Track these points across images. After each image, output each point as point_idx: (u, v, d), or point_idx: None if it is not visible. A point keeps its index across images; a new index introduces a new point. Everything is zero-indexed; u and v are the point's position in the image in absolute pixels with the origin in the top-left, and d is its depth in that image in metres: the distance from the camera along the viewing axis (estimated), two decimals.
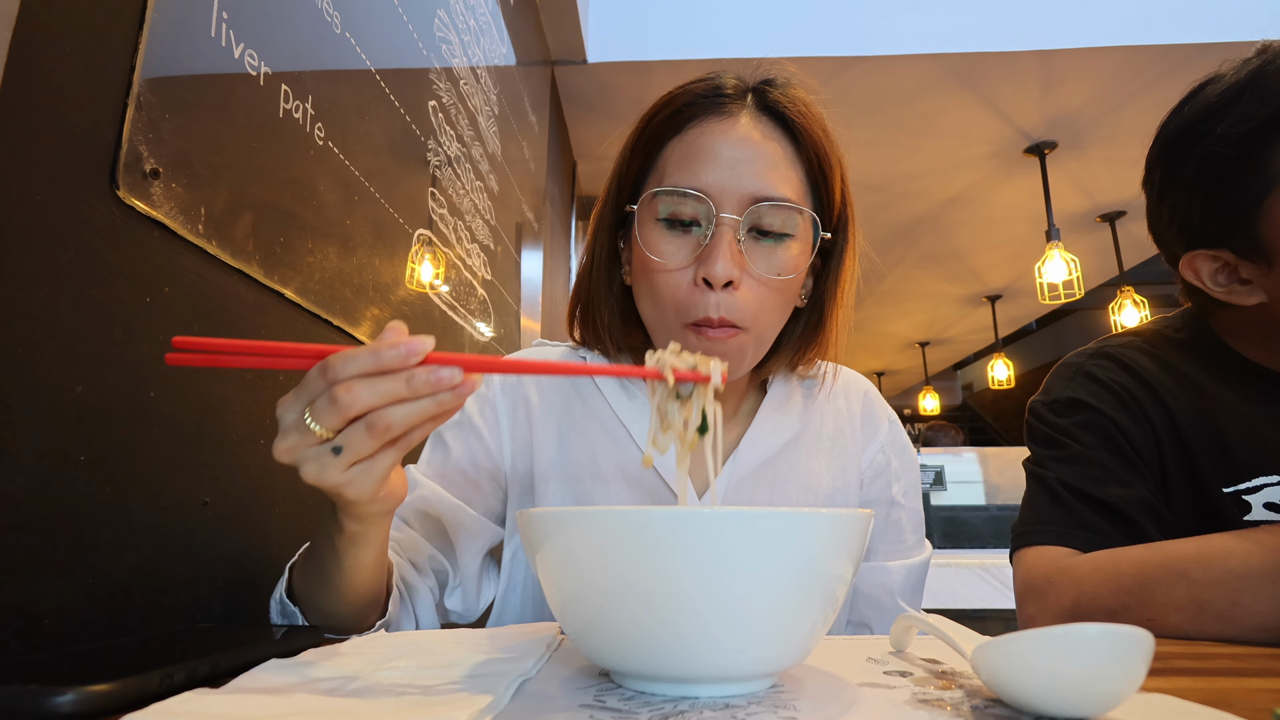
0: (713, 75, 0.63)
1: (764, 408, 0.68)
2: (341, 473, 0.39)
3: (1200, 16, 2.45)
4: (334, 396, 0.37)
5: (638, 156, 0.63)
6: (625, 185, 0.64)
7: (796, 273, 0.60)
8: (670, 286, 0.59)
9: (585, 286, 0.68)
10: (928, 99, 2.74)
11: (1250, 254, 0.62)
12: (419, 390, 0.38)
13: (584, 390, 0.69)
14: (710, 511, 0.30)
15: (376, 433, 0.38)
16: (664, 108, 0.62)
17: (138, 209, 0.53)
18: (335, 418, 0.38)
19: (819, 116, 0.62)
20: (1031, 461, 0.72)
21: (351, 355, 0.38)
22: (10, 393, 0.43)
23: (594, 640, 0.33)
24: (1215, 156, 0.62)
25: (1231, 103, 0.61)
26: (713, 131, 0.59)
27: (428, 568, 0.63)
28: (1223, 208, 0.62)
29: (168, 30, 0.56)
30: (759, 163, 0.58)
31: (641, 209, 0.61)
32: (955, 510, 2.97)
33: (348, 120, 0.88)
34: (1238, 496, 0.64)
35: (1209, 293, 0.66)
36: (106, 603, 0.50)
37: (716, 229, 0.57)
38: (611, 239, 0.66)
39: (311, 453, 0.39)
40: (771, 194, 0.57)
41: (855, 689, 0.34)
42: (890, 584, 0.70)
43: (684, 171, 0.58)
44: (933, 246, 4.31)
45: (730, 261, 0.56)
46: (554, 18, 2.24)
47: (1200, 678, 0.38)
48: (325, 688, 0.32)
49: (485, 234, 1.55)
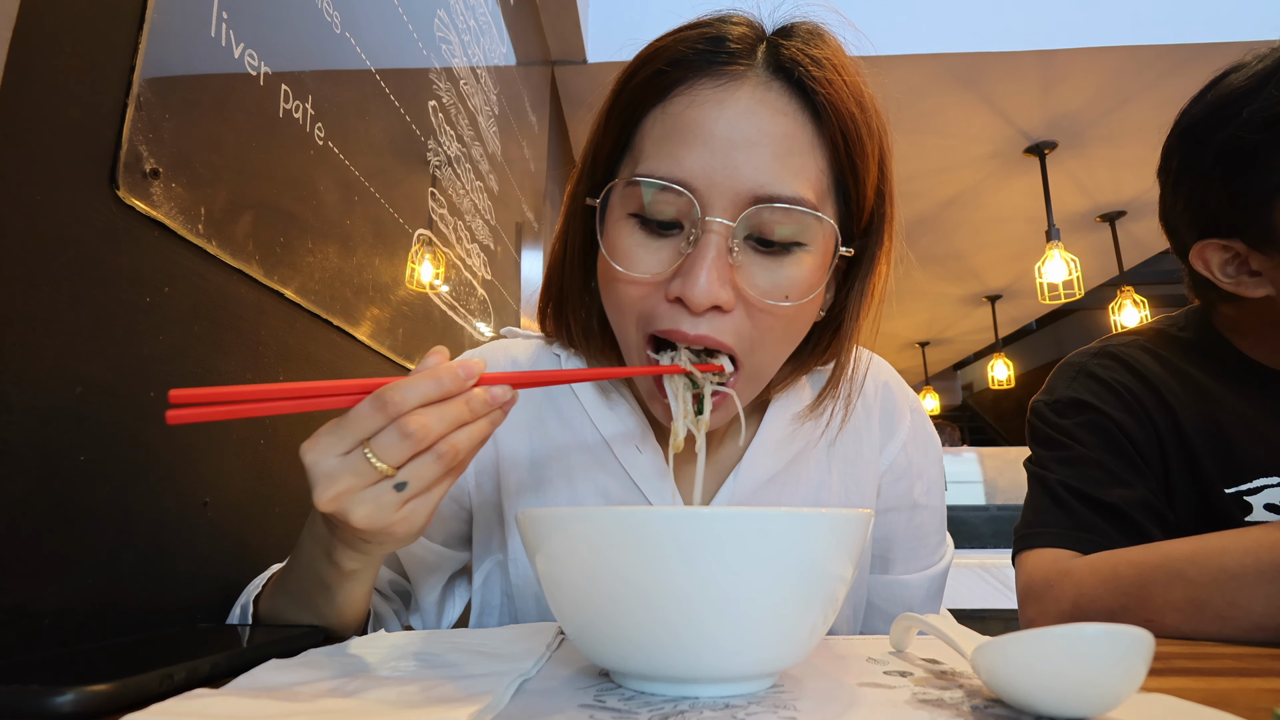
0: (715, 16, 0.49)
1: (769, 417, 0.59)
2: (397, 511, 0.37)
3: (1200, 16, 2.45)
4: (405, 429, 0.35)
5: (612, 126, 0.50)
6: (600, 161, 0.51)
7: (809, 296, 0.47)
8: (633, 296, 0.47)
9: (558, 281, 0.57)
10: (928, 99, 2.74)
11: (1262, 244, 0.62)
12: (478, 411, 0.37)
13: (558, 396, 0.60)
14: (710, 512, 0.30)
15: (445, 461, 0.36)
16: (646, 64, 0.48)
17: (138, 209, 0.53)
18: (406, 452, 0.35)
19: (853, 80, 0.47)
20: (1033, 462, 0.72)
21: (410, 385, 0.36)
22: (10, 393, 0.43)
23: (594, 640, 0.33)
24: (1238, 142, 0.62)
25: (1257, 89, 0.61)
26: (706, 102, 0.45)
27: (389, 591, 0.62)
28: (1240, 195, 0.62)
29: (168, 30, 0.56)
30: (764, 148, 0.44)
31: (609, 197, 0.49)
32: (955, 510, 2.97)
33: (348, 120, 0.88)
34: (1239, 497, 0.64)
35: (1218, 284, 0.66)
36: (106, 603, 0.50)
37: (702, 235, 0.44)
38: (587, 226, 0.54)
39: (368, 494, 0.36)
40: (778, 192, 0.44)
41: (855, 689, 0.34)
42: (910, 599, 0.64)
43: (664, 155, 0.45)
44: (933, 246, 4.31)
45: (717, 280, 0.43)
46: (554, 18, 2.24)
47: (1200, 678, 0.38)
48: (325, 688, 0.32)
49: (485, 234, 1.55)
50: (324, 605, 0.46)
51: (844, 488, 0.61)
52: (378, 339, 0.97)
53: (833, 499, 0.60)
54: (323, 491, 0.36)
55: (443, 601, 0.63)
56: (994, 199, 3.63)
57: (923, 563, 0.65)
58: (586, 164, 0.53)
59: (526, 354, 0.63)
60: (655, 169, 0.45)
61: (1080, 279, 3.17)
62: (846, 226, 0.50)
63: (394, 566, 0.62)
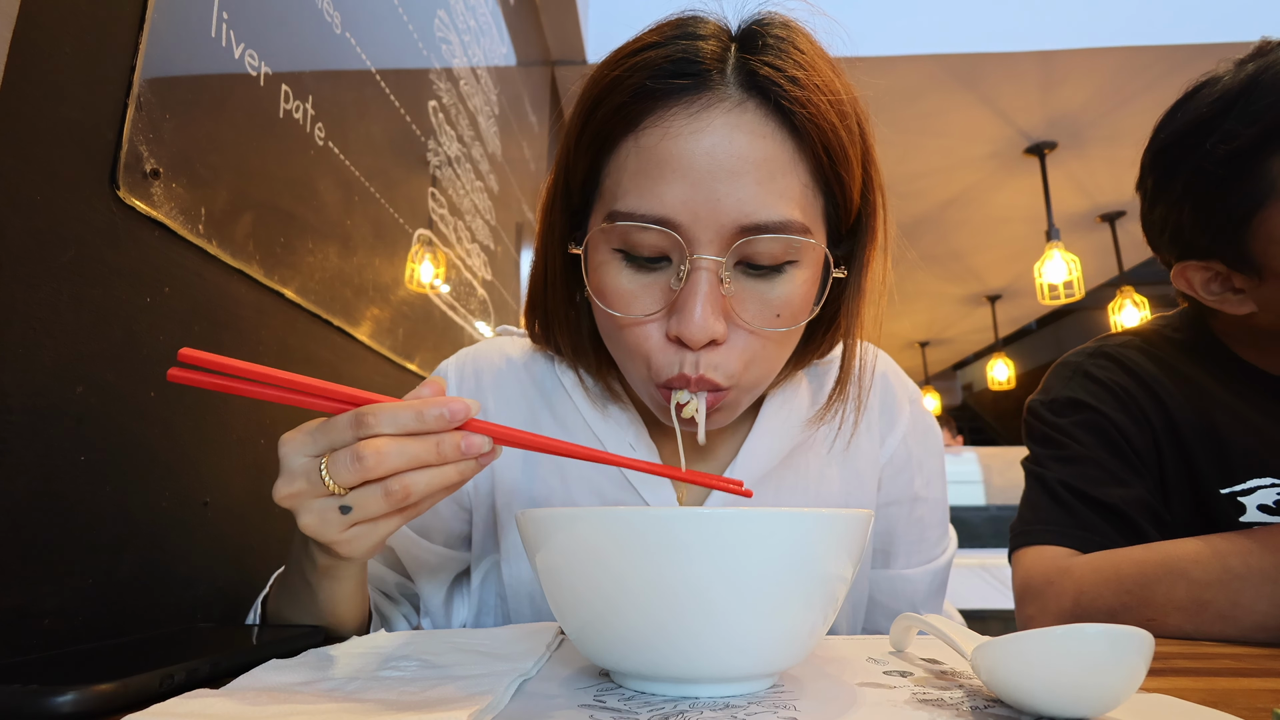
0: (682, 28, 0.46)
1: (764, 415, 0.58)
2: (341, 532, 0.37)
3: (1201, 16, 2.45)
4: (359, 454, 0.35)
5: (583, 155, 0.48)
6: (575, 186, 0.50)
7: (802, 317, 0.47)
8: (635, 339, 0.47)
9: (541, 299, 0.56)
10: (928, 99, 2.74)
11: (1241, 266, 0.62)
12: (446, 456, 0.36)
13: (553, 396, 0.60)
14: (710, 512, 0.30)
15: (393, 499, 0.36)
16: (612, 90, 0.45)
17: (138, 209, 0.53)
18: (354, 476, 0.35)
19: (830, 85, 0.45)
20: (1030, 461, 0.72)
21: (392, 411, 0.35)
22: (10, 393, 0.43)
23: (594, 640, 0.33)
24: (1203, 172, 0.61)
25: (1220, 115, 0.60)
26: (680, 133, 0.43)
27: (398, 594, 0.62)
28: (1212, 222, 0.62)
29: (168, 30, 0.56)
30: (746, 177, 0.43)
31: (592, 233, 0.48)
32: (955, 510, 2.97)
33: (348, 120, 0.88)
34: (1233, 498, 0.64)
35: (1202, 301, 0.66)
36: (106, 603, 0.50)
37: (691, 272, 0.43)
38: (564, 247, 0.53)
39: (316, 505, 0.37)
40: (765, 220, 0.43)
41: (855, 689, 0.34)
42: (912, 594, 0.63)
43: (643, 191, 0.44)
44: (933, 246, 4.31)
45: (712, 315, 0.43)
46: (554, 18, 2.24)
47: (1200, 678, 0.38)
48: (325, 688, 0.32)
49: (485, 234, 1.55)
50: (310, 602, 0.46)
51: (843, 482, 0.60)
52: (378, 339, 0.97)
53: (832, 493, 0.59)
54: (280, 486, 0.37)
55: (449, 602, 0.63)
56: (994, 199, 3.63)
57: (924, 556, 0.64)
58: (559, 187, 0.52)
59: (522, 354, 0.63)
60: (636, 207, 0.44)
61: (1080, 279, 3.17)
62: (835, 227, 0.49)
63: (399, 569, 0.62)
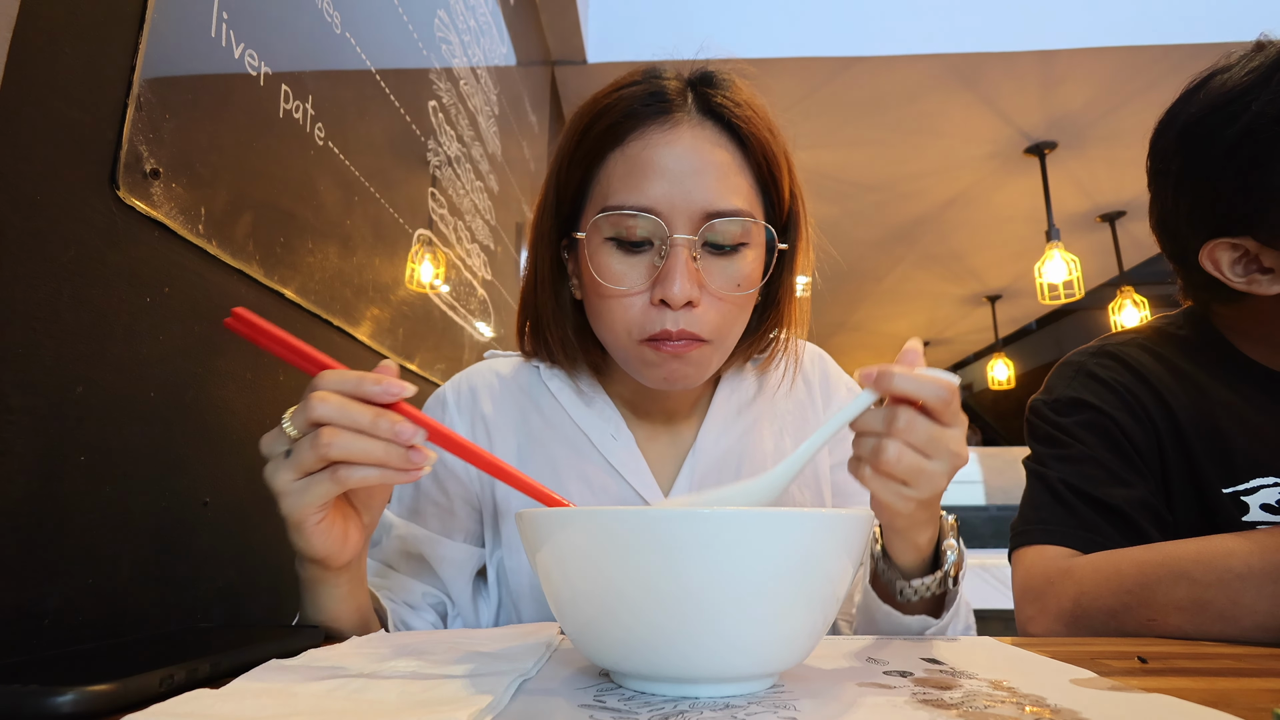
0: (650, 75, 0.60)
1: (716, 399, 0.68)
2: (288, 481, 0.42)
3: (1200, 16, 2.45)
4: (306, 400, 0.41)
5: (576, 168, 0.60)
6: (565, 198, 0.61)
7: (755, 284, 0.59)
8: (624, 308, 0.57)
9: (532, 303, 0.65)
10: (928, 99, 2.74)
11: (1275, 240, 0.62)
12: (378, 431, 0.41)
13: (540, 399, 0.67)
14: (710, 512, 0.30)
15: (319, 446, 0.40)
16: (602, 116, 0.58)
17: (138, 209, 0.53)
18: (302, 418, 0.41)
19: (764, 113, 0.59)
20: (1032, 460, 0.72)
21: (339, 373, 0.42)
22: (10, 393, 0.43)
23: (594, 640, 0.33)
24: (1253, 133, 0.61)
25: (1262, 83, 0.60)
26: (657, 143, 0.56)
27: (423, 604, 0.63)
28: (1256, 187, 0.61)
29: (168, 30, 0.56)
30: (709, 175, 0.56)
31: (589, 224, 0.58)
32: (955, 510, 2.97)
33: (348, 120, 0.88)
34: (1236, 497, 0.64)
35: (1229, 283, 0.65)
36: (106, 603, 0.50)
37: (671, 249, 0.55)
38: (554, 252, 0.63)
39: (276, 448, 0.43)
40: (724, 207, 0.55)
41: (855, 689, 0.34)
42: None
43: (630, 189, 0.56)
44: (933, 246, 4.31)
45: (689, 281, 0.54)
46: (554, 18, 2.24)
47: (1200, 678, 0.38)
48: (325, 688, 0.32)
49: (485, 234, 1.56)
50: (308, 602, 0.49)
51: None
52: (378, 339, 0.97)
53: None
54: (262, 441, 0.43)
55: (475, 599, 0.66)
56: (994, 199, 3.63)
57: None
58: (550, 200, 0.62)
59: (510, 370, 0.70)
60: (626, 200, 0.56)
61: (1080, 279, 3.17)
62: (774, 223, 0.61)
63: (426, 577, 0.63)
